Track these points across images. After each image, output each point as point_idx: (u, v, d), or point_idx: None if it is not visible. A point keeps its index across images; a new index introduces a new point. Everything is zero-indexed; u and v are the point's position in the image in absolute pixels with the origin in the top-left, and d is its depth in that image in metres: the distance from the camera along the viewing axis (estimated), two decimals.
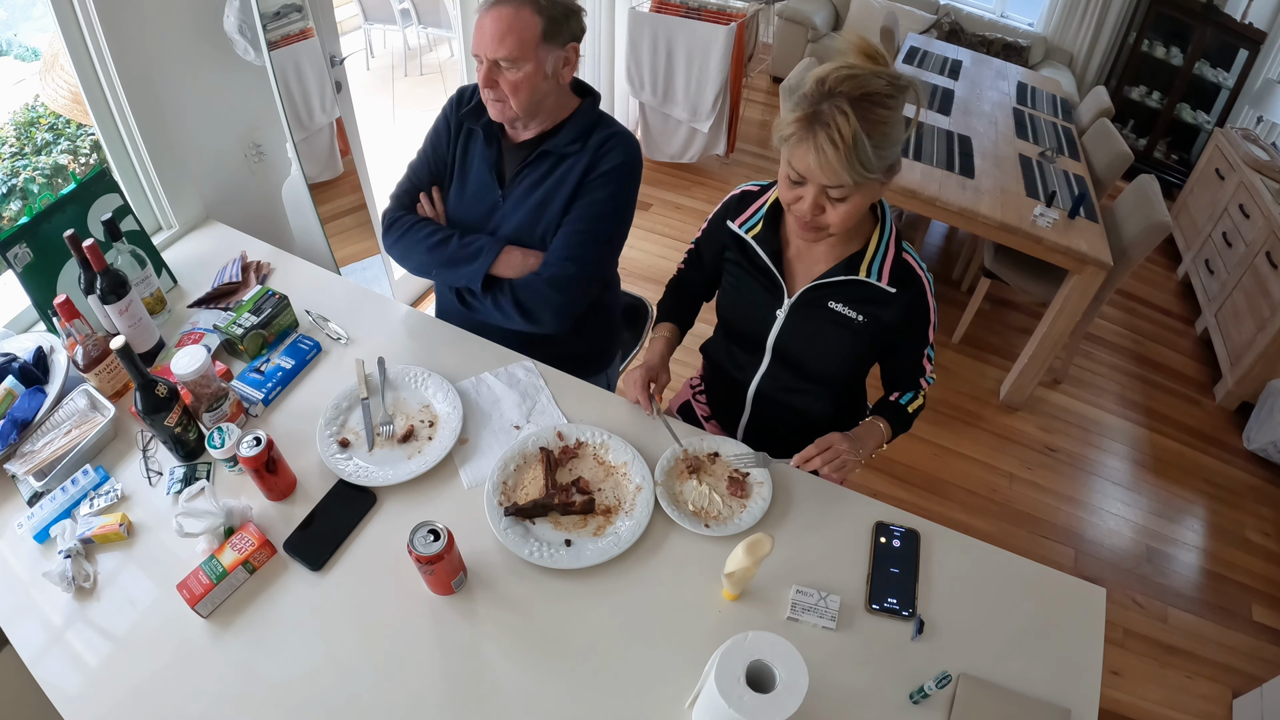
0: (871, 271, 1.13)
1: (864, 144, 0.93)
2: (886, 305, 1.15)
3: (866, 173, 0.96)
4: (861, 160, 0.94)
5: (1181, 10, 4.18)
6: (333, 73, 1.89)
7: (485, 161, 1.33)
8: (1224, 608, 2.18)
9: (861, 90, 0.94)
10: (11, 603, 1.01)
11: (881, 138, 0.95)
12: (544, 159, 1.30)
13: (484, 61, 1.18)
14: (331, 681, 0.93)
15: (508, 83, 1.19)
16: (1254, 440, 2.66)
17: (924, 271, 1.16)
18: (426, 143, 1.40)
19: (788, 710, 0.76)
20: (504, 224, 1.34)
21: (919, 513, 1.17)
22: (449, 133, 1.37)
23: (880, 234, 1.14)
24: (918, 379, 1.27)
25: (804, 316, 1.20)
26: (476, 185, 1.35)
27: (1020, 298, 3.24)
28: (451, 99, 1.38)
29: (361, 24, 4.82)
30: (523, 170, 1.31)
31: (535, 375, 1.34)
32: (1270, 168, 3.20)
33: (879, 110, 0.94)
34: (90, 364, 1.20)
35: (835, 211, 1.02)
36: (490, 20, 1.15)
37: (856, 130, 0.92)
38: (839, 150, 0.93)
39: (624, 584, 1.05)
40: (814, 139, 0.95)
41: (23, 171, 2.71)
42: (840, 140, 0.93)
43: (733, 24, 3.27)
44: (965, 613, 1.05)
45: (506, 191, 1.33)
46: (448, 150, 1.38)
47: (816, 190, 1.00)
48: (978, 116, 3.06)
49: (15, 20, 2.87)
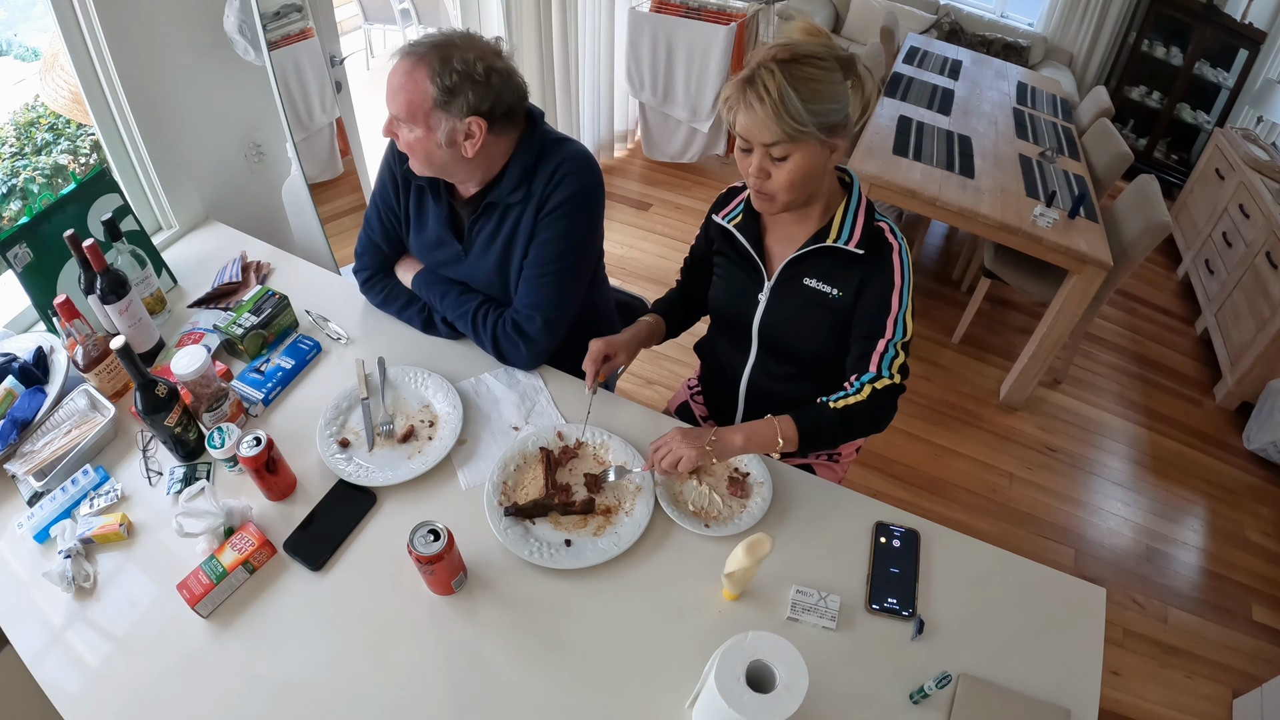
0: (840, 237, 1.14)
1: (790, 96, 0.98)
2: (857, 270, 1.15)
3: (797, 125, 0.99)
4: (790, 112, 0.98)
5: (1181, 10, 4.18)
6: (333, 73, 1.89)
7: (438, 219, 1.31)
8: (1224, 608, 2.18)
9: (790, 53, 1.00)
10: (11, 603, 1.01)
11: (812, 93, 0.99)
12: (491, 210, 1.26)
13: (392, 115, 1.13)
14: (331, 681, 0.93)
15: (404, 141, 1.15)
16: (1254, 440, 2.66)
17: (898, 238, 1.15)
18: (376, 194, 1.36)
19: (788, 710, 0.76)
20: (473, 277, 1.33)
21: (919, 513, 1.17)
22: (396, 186, 1.33)
23: (848, 203, 1.15)
24: (870, 356, 1.14)
25: (783, 297, 1.21)
26: (435, 239, 1.33)
27: (1020, 298, 3.24)
28: (390, 151, 1.31)
29: (361, 24, 4.82)
30: (476, 224, 1.28)
31: (535, 376, 1.34)
32: (1270, 168, 3.20)
33: (805, 68, 0.99)
34: (90, 364, 1.20)
35: (780, 172, 1.04)
36: (391, 72, 1.11)
37: (781, 84, 0.97)
38: (764, 104, 0.98)
39: (624, 584, 1.05)
40: (744, 97, 1.01)
41: (23, 171, 2.71)
42: (766, 94, 0.98)
43: (733, 24, 3.28)
44: (965, 613, 1.05)
45: (466, 246, 1.31)
46: (399, 204, 1.34)
47: (761, 153, 1.04)
48: (978, 116, 3.06)
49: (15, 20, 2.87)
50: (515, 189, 1.22)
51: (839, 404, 1.14)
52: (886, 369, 1.14)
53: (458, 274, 1.35)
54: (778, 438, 1.13)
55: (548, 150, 1.23)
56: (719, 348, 1.38)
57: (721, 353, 1.37)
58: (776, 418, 1.15)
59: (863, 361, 1.16)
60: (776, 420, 1.14)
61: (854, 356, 1.18)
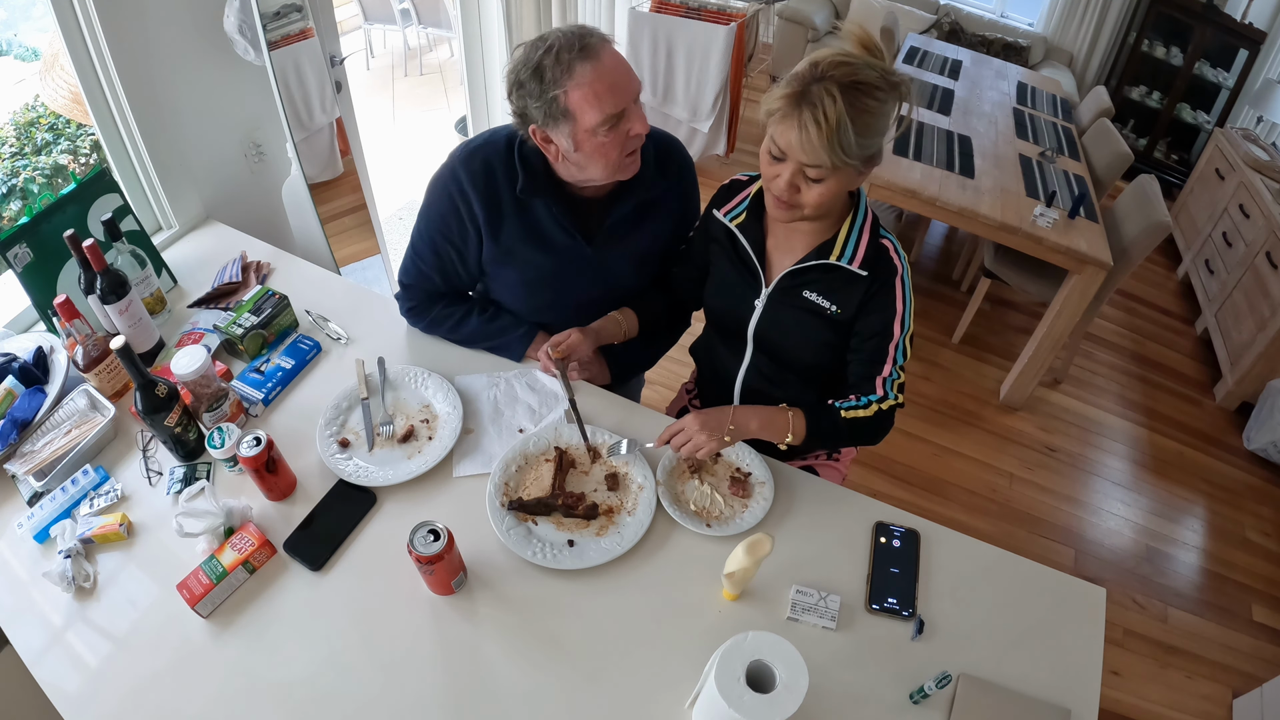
0: (844, 255, 1.13)
1: (847, 128, 0.95)
2: (858, 289, 1.15)
3: (845, 157, 0.97)
4: (843, 144, 0.96)
5: (1181, 10, 4.18)
6: (333, 73, 1.89)
7: (557, 224, 1.22)
8: (1224, 608, 2.18)
9: (852, 78, 0.96)
10: (11, 603, 1.01)
11: (865, 126, 0.97)
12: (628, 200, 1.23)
13: (629, 104, 1.07)
14: (331, 681, 0.93)
15: (640, 121, 1.10)
16: (1254, 440, 2.66)
17: (901, 259, 1.15)
18: (433, 224, 1.26)
19: (788, 710, 0.76)
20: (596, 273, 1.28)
21: (919, 513, 1.17)
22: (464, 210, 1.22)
23: (853, 219, 1.14)
24: (874, 379, 1.16)
25: (780, 306, 1.20)
26: (549, 244, 1.24)
27: (1020, 298, 3.24)
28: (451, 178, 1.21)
29: (361, 24, 4.82)
30: (611, 219, 1.24)
31: (558, 383, 1.30)
32: (1270, 168, 3.20)
33: (866, 100, 0.96)
34: (90, 364, 1.20)
35: (810, 191, 1.03)
36: (613, 59, 1.06)
37: (842, 114, 0.94)
38: (821, 130, 0.95)
39: (623, 584, 1.05)
40: (799, 116, 0.96)
41: (23, 171, 2.71)
42: (825, 121, 0.95)
43: (733, 24, 3.27)
44: (965, 613, 1.05)
45: (598, 243, 1.26)
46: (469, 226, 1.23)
47: (794, 168, 1.01)
48: (978, 116, 3.06)
49: (15, 20, 2.87)
50: (656, 180, 1.23)
51: (849, 415, 1.15)
52: (891, 392, 1.16)
53: (572, 276, 1.28)
54: (788, 432, 1.14)
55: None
56: (714, 350, 1.37)
57: (717, 355, 1.37)
58: (790, 410, 1.15)
59: (867, 384, 1.17)
60: (790, 414, 1.15)
61: (857, 375, 1.19)
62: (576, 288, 1.30)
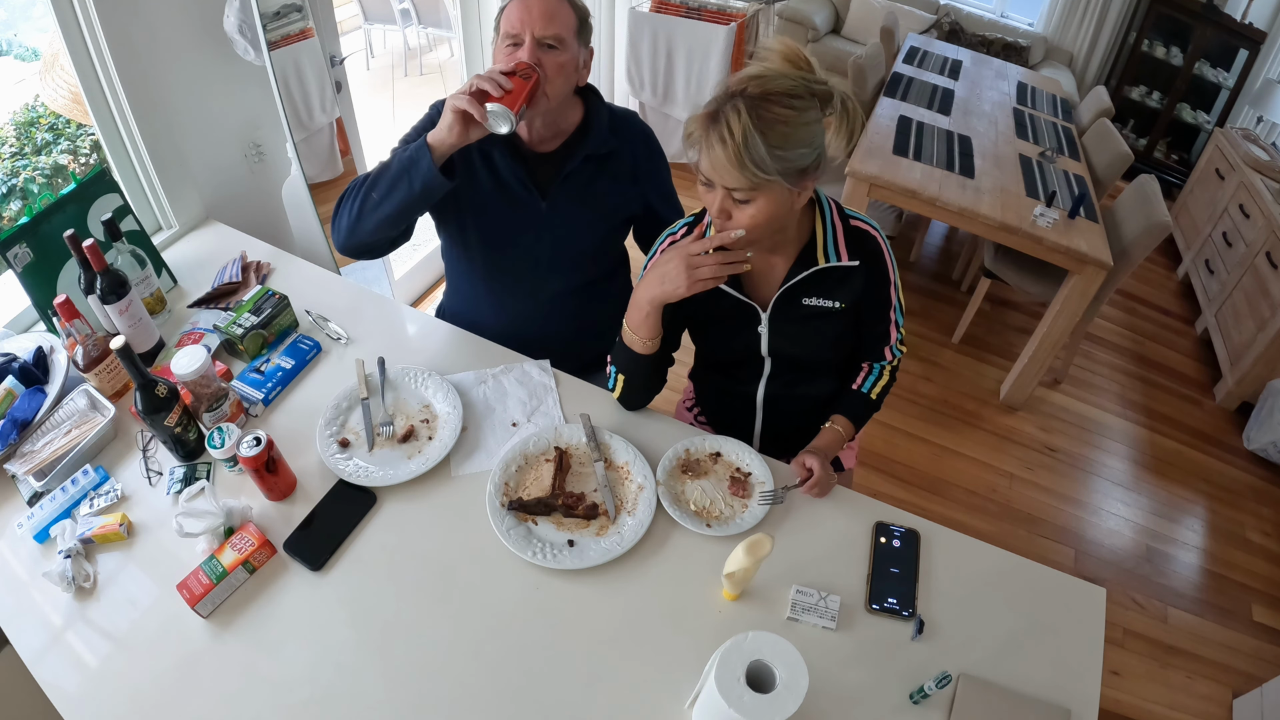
0: (829, 255, 1.12)
1: (755, 142, 0.92)
2: (855, 279, 1.15)
3: (760, 172, 0.93)
4: (754, 159, 0.92)
5: (1181, 10, 4.19)
6: (333, 73, 1.89)
7: (515, 177, 1.28)
8: (1224, 608, 2.18)
9: (762, 89, 0.94)
10: (11, 603, 1.01)
11: (782, 137, 0.93)
12: (583, 160, 1.28)
13: (527, 40, 1.13)
14: (331, 681, 0.93)
15: (553, 64, 1.15)
16: (1254, 440, 2.66)
17: (877, 231, 1.15)
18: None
19: (788, 710, 0.76)
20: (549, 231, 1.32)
21: (919, 513, 1.17)
22: None
23: (822, 218, 1.13)
24: (883, 348, 1.25)
25: (785, 321, 1.19)
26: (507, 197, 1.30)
27: (1020, 298, 3.24)
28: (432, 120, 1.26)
29: (361, 24, 4.82)
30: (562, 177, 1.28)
31: (548, 376, 1.34)
32: (1270, 168, 3.20)
33: (776, 109, 0.93)
34: (90, 364, 1.20)
35: (742, 214, 0.99)
36: (546, 4, 1.14)
37: (747, 127, 0.91)
38: (727, 148, 0.93)
39: (623, 584, 1.05)
40: (707, 137, 0.95)
41: (23, 171, 2.71)
42: (729, 138, 0.92)
43: (733, 24, 3.28)
44: (965, 613, 1.05)
45: (550, 200, 1.30)
46: None
47: (723, 194, 0.99)
48: (978, 116, 3.06)
49: (15, 20, 2.86)
50: (609, 137, 1.28)
51: (874, 391, 1.26)
52: (897, 350, 1.26)
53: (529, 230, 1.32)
54: (844, 441, 1.24)
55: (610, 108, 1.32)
56: (726, 373, 1.33)
57: (731, 377, 1.33)
58: (832, 422, 1.24)
59: (875, 350, 1.26)
60: (837, 426, 1.23)
61: (867, 348, 1.27)
62: (526, 244, 1.34)
